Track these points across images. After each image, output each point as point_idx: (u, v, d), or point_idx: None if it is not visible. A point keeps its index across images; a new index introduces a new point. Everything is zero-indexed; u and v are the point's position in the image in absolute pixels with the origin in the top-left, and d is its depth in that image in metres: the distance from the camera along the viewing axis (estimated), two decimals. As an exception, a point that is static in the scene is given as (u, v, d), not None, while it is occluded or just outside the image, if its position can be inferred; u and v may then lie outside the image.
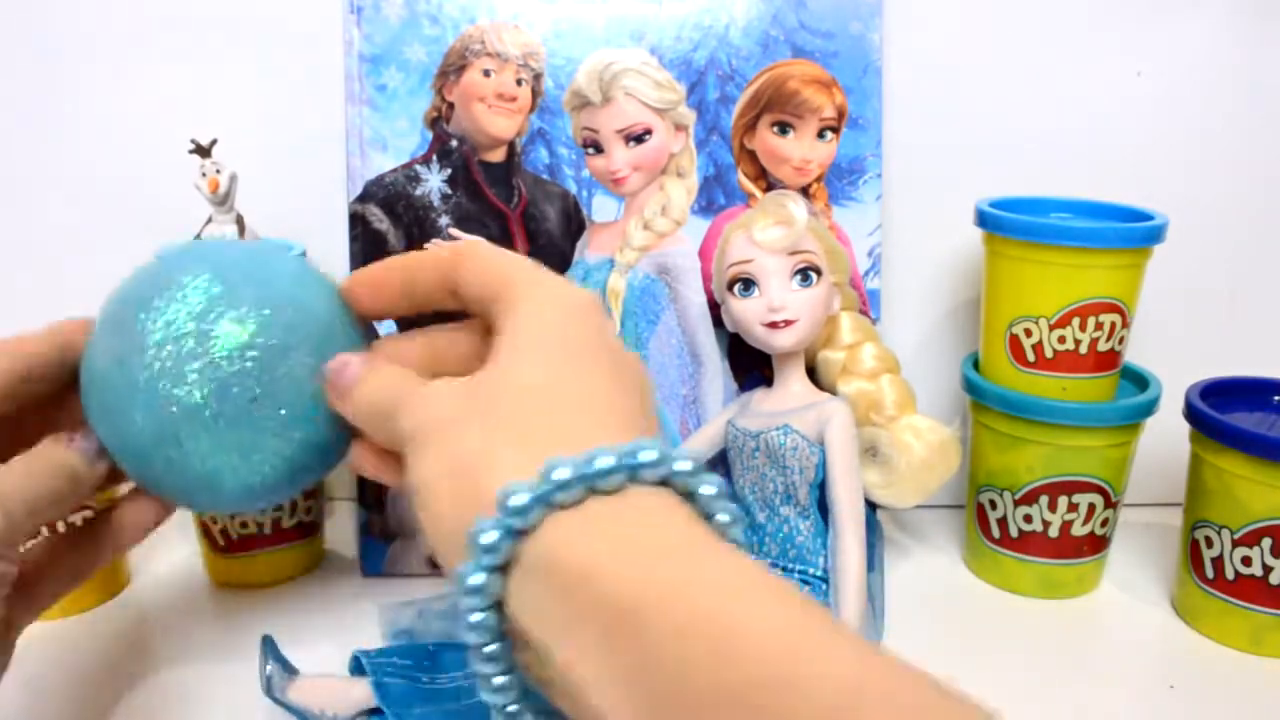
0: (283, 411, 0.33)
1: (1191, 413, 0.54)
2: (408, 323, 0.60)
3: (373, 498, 0.59)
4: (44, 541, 0.39)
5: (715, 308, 0.57)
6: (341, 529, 0.64)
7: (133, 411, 0.33)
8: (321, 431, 0.34)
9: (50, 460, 0.34)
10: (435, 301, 0.34)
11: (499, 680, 0.25)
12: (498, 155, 0.59)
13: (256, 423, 0.33)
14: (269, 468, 0.33)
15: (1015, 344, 0.56)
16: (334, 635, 0.53)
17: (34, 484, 0.34)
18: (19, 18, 0.62)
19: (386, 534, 0.60)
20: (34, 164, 0.64)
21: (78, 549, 0.38)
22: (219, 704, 0.48)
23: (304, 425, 0.33)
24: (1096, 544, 0.58)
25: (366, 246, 0.59)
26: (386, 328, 0.60)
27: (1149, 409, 0.56)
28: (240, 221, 0.55)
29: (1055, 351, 0.55)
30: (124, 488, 0.38)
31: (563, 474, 0.23)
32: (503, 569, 0.24)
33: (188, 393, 0.32)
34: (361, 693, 0.45)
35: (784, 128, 0.59)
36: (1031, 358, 0.56)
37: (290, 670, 0.46)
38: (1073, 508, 0.56)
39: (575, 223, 0.59)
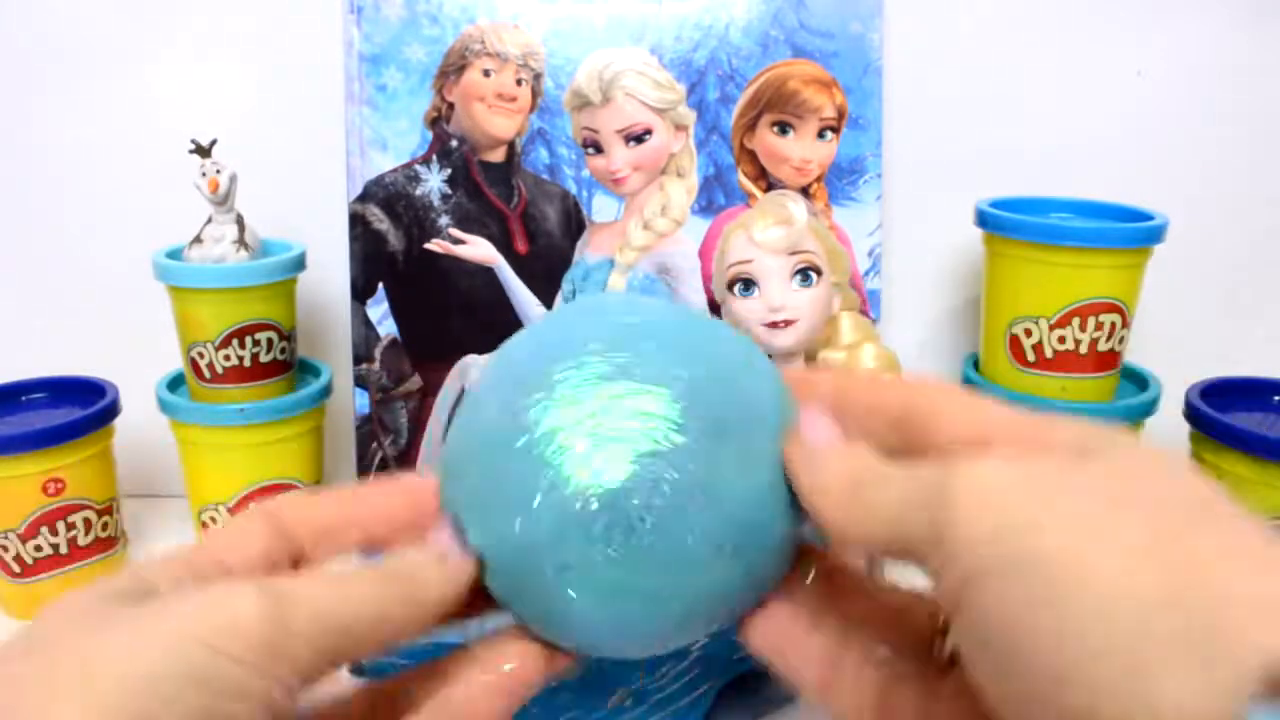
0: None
1: (1191, 413, 0.54)
2: (405, 315, 0.60)
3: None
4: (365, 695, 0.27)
5: (715, 308, 0.57)
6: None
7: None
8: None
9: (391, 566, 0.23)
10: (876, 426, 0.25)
11: None
12: (498, 155, 0.59)
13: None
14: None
15: (1015, 344, 0.56)
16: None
17: (352, 593, 0.22)
18: (19, 17, 0.62)
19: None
20: (34, 164, 0.64)
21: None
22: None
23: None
24: (1097, 544, 0.58)
25: (366, 246, 0.59)
26: (387, 326, 0.60)
27: (1149, 409, 0.56)
28: (240, 221, 0.55)
29: (1055, 351, 0.55)
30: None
31: None
32: None
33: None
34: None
35: (784, 128, 0.59)
36: (1031, 358, 0.56)
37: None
38: (1073, 508, 0.56)
39: (575, 223, 0.59)
